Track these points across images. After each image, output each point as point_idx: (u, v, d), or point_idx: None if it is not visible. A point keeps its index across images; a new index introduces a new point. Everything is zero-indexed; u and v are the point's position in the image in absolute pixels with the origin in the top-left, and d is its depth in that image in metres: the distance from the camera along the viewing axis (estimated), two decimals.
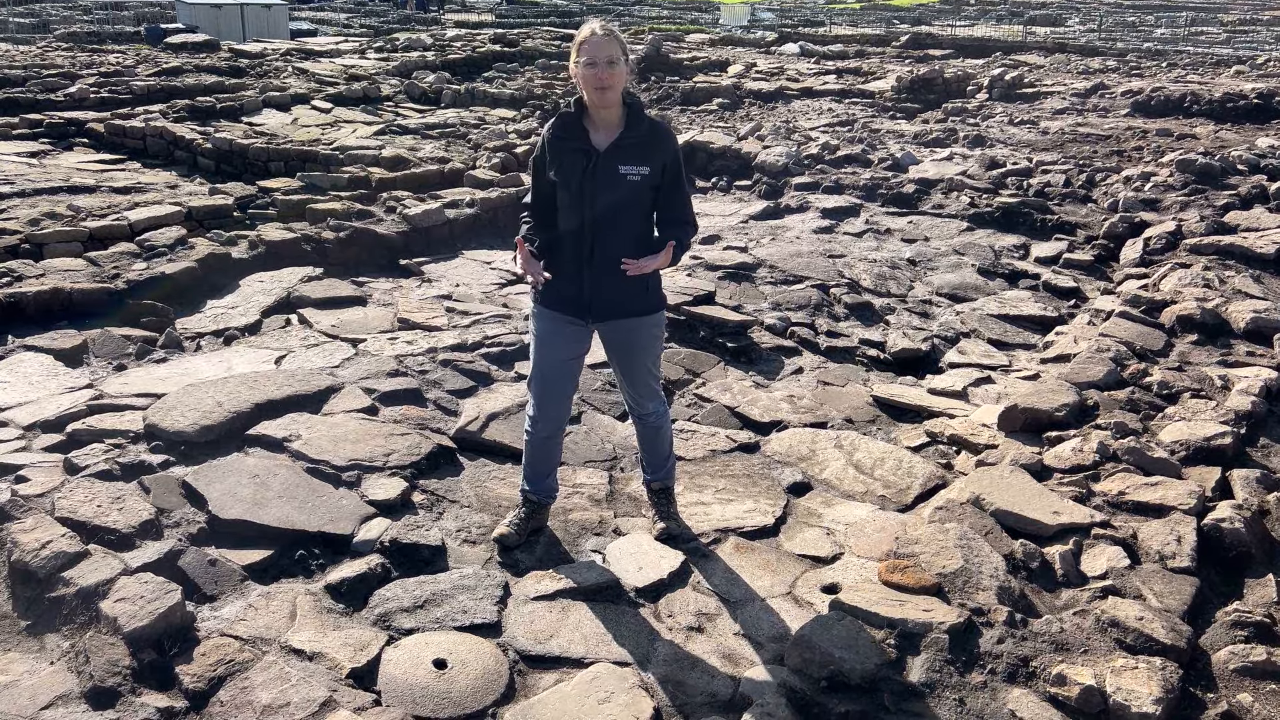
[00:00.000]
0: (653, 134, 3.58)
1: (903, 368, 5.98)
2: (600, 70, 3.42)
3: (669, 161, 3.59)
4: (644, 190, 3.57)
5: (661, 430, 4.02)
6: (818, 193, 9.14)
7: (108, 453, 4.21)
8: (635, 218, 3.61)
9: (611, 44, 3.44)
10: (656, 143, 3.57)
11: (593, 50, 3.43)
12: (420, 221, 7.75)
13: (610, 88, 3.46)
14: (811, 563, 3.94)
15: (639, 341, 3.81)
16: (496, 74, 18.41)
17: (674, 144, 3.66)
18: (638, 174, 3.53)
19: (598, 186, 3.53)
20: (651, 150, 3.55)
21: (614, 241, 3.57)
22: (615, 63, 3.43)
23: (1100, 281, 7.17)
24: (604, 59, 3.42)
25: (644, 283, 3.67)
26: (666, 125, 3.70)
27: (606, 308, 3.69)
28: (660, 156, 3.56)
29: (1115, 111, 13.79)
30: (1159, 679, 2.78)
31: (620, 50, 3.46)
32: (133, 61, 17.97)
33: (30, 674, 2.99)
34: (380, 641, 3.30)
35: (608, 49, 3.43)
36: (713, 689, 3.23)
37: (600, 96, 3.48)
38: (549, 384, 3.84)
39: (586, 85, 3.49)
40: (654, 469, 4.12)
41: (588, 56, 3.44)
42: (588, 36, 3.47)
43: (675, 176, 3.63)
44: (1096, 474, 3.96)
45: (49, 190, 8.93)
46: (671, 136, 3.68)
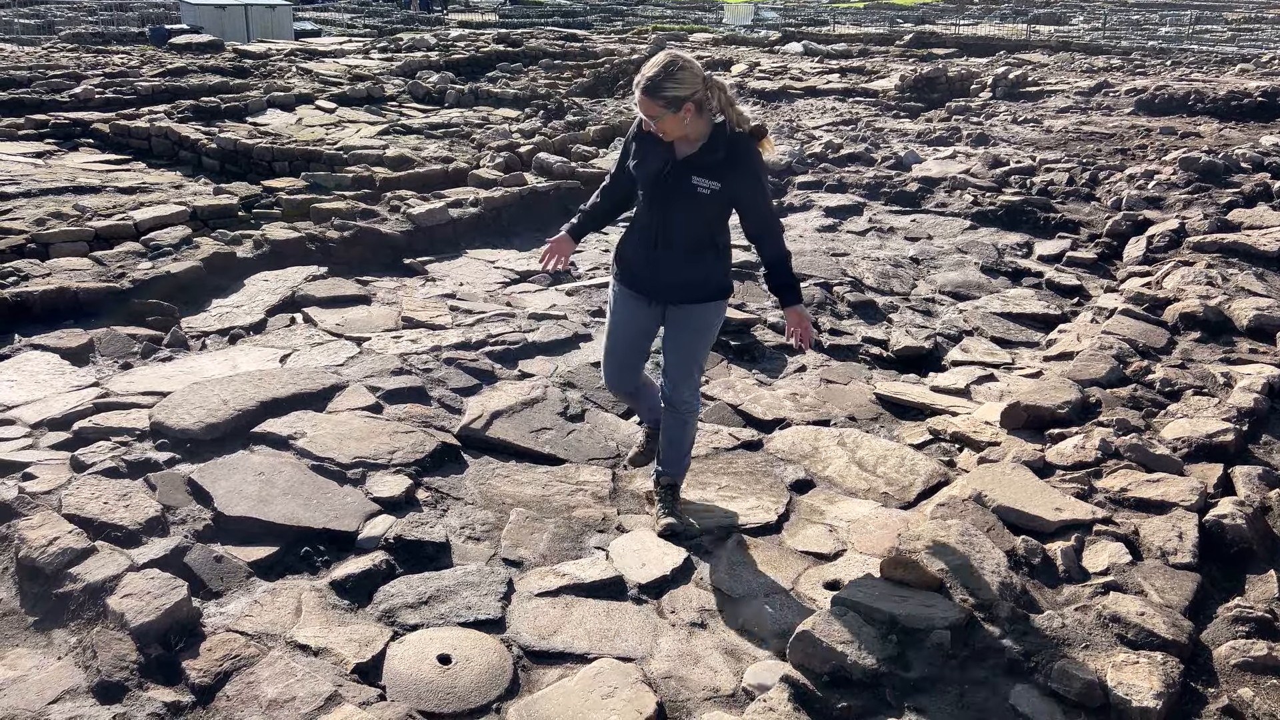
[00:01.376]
0: (730, 158, 3.67)
1: (906, 366, 5.99)
2: (649, 125, 3.62)
3: (744, 181, 3.70)
4: (713, 203, 3.72)
5: (687, 426, 4.11)
6: (821, 191, 9.16)
7: (114, 450, 4.23)
8: (702, 222, 3.77)
9: (650, 105, 3.54)
10: (732, 165, 3.67)
11: (640, 109, 3.60)
12: (424, 221, 7.77)
13: (665, 133, 3.63)
14: (814, 559, 3.96)
15: (690, 324, 3.95)
16: (500, 74, 18.44)
17: (753, 166, 3.73)
18: (708, 188, 3.67)
19: (669, 192, 3.72)
20: (726, 170, 3.67)
21: (680, 239, 3.78)
22: (660, 118, 3.55)
23: (1103, 279, 7.17)
24: (650, 117, 3.58)
25: (705, 275, 3.86)
26: (748, 147, 3.71)
27: (669, 292, 3.90)
28: (735, 176, 3.67)
29: (1119, 110, 13.78)
30: (1160, 674, 2.79)
31: (663, 105, 3.52)
32: (137, 62, 18.02)
33: (38, 669, 3.01)
34: (385, 637, 3.32)
35: (647, 109, 3.56)
36: (716, 684, 3.25)
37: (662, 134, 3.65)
38: (613, 354, 4.13)
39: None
40: (667, 463, 4.17)
41: (639, 112, 3.62)
42: (636, 97, 3.60)
43: (754, 195, 3.75)
44: (1099, 471, 3.97)
45: (54, 190, 8.97)
46: (751, 158, 3.72)
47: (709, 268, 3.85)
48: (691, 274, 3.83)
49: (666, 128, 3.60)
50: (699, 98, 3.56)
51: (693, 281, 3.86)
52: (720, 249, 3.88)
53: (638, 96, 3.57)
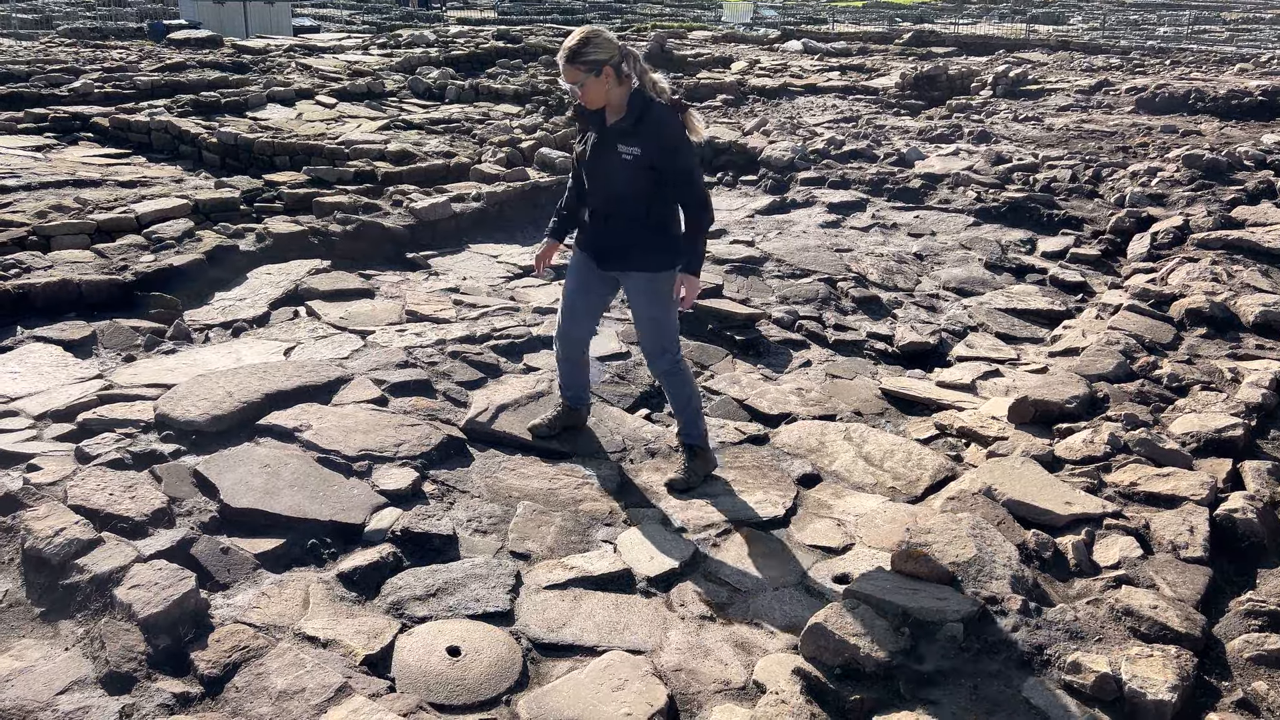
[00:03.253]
0: (644, 120, 3.93)
1: (911, 361, 5.98)
2: (576, 91, 3.91)
3: (662, 145, 3.94)
4: (639, 168, 3.96)
5: (677, 382, 4.33)
6: (824, 187, 9.14)
7: (119, 442, 4.21)
8: (634, 188, 4.02)
9: (572, 71, 3.84)
10: (648, 128, 3.92)
11: (564, 79, 3.92)
12: (427, 215, 7.74)
13: (589, 100, 3.93)
14: (822, 553, 3.95)
15: (646, 293, 4.23)
16: (500, 70, 18.40)
17: (668, 129, 3.95)
18: (630, 154, 3.95)
19: (602, 161, 4.05)
20: (644, 134, 3.93)
21: (619, 207, 4.08)
22: (581, 83, 3.85)
23: (1107, 276, 7.17)
24: (572, 84, 3.89)
25: (649, 242, 4.11)
26: (664, 111, 3.96)
27: (617, 258, 4.19)
28: (653, 139, 3.93)
29: (1120, 108, 13.78)
30: (1174, 667, 2.77)
31: (584, 70, 3.82)
32: (136, 57, 17.97)
33: (45, 660, 2.99)
34: (393, 629, 3.31)
35: (570, 76, 3.86)
36: (726, 677, 3.24)
37: (589, 104, 3.97)
38: (566, 311, 4.40)
39: None
40: (682, 426, 4.42)
41: (565, 84, 3.95)
42: (560, 68, 3.91)
43: (670, 158, 3.96)
44: (1108, 465, 3.97)
45: (55, 184, 8.94)
46: (665, 122, 3.95)
47: (653, 235, 4.10)
48: (635, 240, 4.10)
49: (590, 94, 3.88)
50: (616, 62, 3.85)
51: (638, 247, 4.12)
52: (663, 218, 4.09)
53: (561, 66, 3.87)
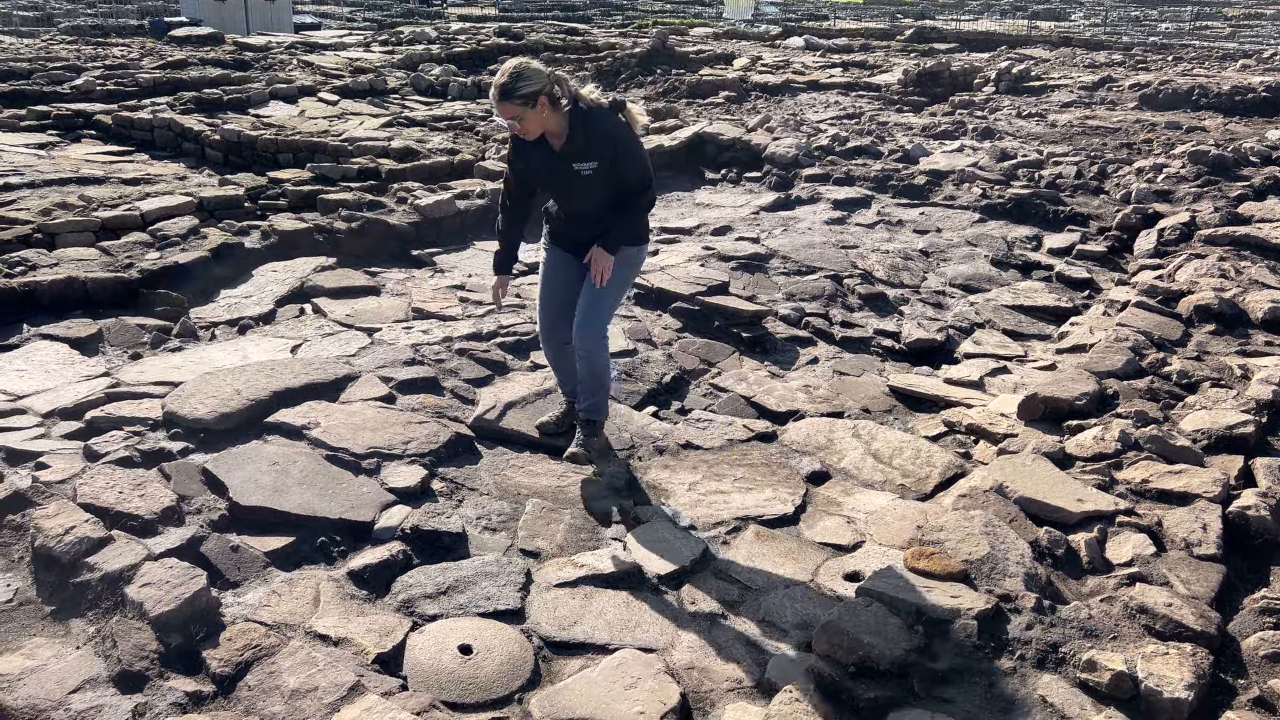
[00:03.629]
0: (591, 135, 4.04)
1: (918, 358, 5.96)
2: (515, 126, 3.97)
3: (616, 153, 4.08)
4: (599, 178, 4.12)
5: (591, 363, 4.33)
6: (828, 184, 9.13)
7: (127, 440, 4.21)
8: (599, 194, 4.18)
9: (508, 108, 3.88)
10: (598, 141, 4.05)
11: (500, 114, 3.97)
12: (431, 212, 7.73)
13: (528, 132, 4.00)
14: (833, 551, 3.93)
15: None
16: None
17: (614, 132, 4.08)
18: (589, 168, 4.09)
19: (561, 180, 4.18)
20: (595, 148, 4.06)
21: (585, 208, 4.25)
22: (519, 118, 3.91)
23: (1114, 273, 7.15)
24: (509, 119, 3.94)
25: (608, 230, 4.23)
26: (606, 118, 4.08)
27: (583, 247, 4.30)
28: (606, 149, 4.07)
29: (1123, 105, 13.76)
30: (1190, 664, 2.77)
31: (521, 104, 3.86)
32: (137, 54, 17.95)
33: (57, 658, 2.98)
34: (405, 627, 3.30)
35: (507, 113, 3.91)
36: (738, 675, 3.23)
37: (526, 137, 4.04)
38: (545, 306, 4.45)
39: None
40: (582, 398, 4.45)
41: (502, 120, 4.01)
42: (493, 101, 3.95)
43: (623, 156, 4.11)
44: (1119, 462, 3.96)
45: (59, 181, 8.92)
46: (612, 131, 4.08)
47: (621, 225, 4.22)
48: (599, 232, 4.22)
49: (529, 126, 3.95)
50: (549, 91, 3.91)
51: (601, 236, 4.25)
52: (628, 210, 4.22)
53: (496, 105, 3.92)
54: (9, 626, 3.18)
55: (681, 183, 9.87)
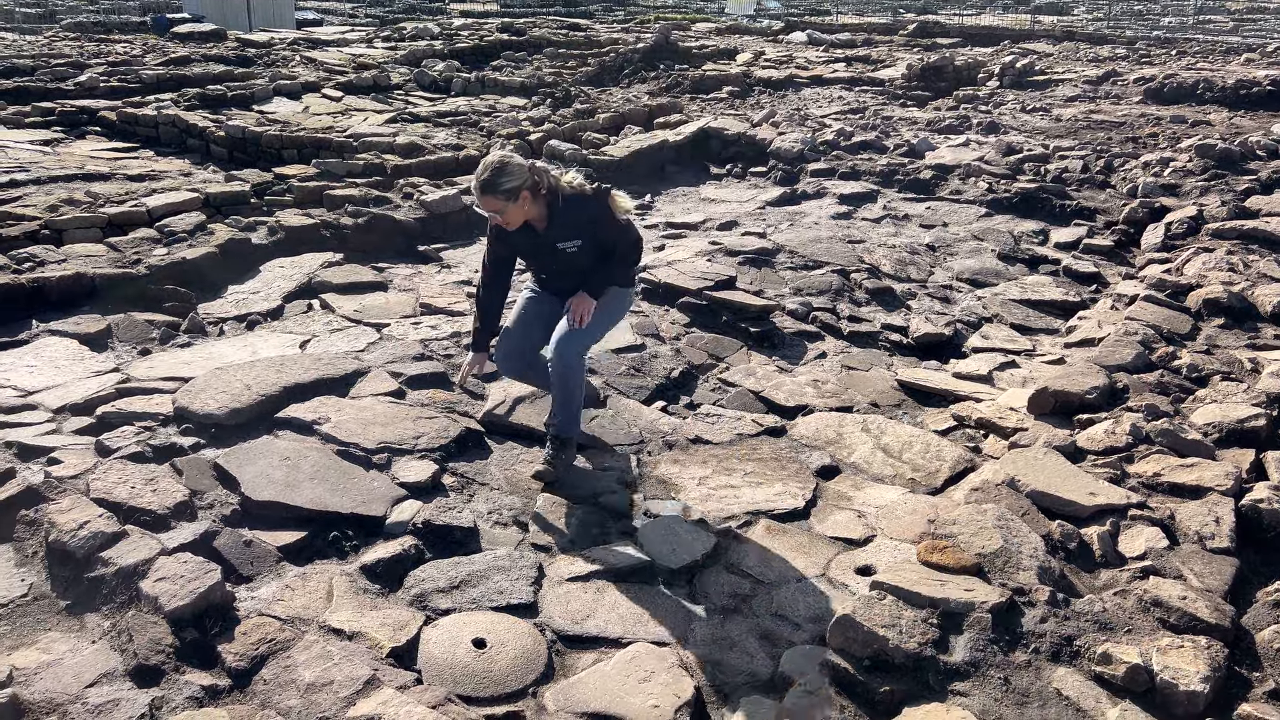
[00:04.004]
0: (576, 221, 4.12)
1: (926, 352, 5.96)
2: (496, 218, 4.03)
3: (599, 234, 4.18)
4: (584, 250, 4.20)
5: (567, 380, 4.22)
6: (834, 179, 9.12)
7: (138, 435, 4.21)
8: (584, 262, 4.23)
9: (490, 201, 3.95)
10: (580, 221, 4.13)
11: (482, 207, 4.03)
12: (438, 208, 7.73)
13: (510, 223, 4.04)
14: (844, 545, 3.94)
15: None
16: (505, 63, 18.37)
17: (594, 212, 4.15)
18: (573, 246, 4.17)
19: (545, 257, 4.27)
20: (580, 229, 4.14)
21: (572, 276, 4.27)
22: (502, 211, 3.97)
23: (1121, 267, 7.14)
24: (492, 212, 4.00)
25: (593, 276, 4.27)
26: (590, 206, 4.13)
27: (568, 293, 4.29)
28: (587, 229, 4.15)
29: (1128, 99, 13.73)
30: (1205, 657, 2.77)
31: (503, 198, 3.93)
32: (140, 51, 17.95)
33: (72, 653, 2.99)
34: (418, 621, 3.30)
35: (490, 206, 3.97)
36: (752, 669, 3.23)
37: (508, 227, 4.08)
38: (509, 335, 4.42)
39: None
40: (554, 415, 4.32)
41: (484, 211, 4.06)
42: (475, 194, 4.00)
43: (606, 229, 4.19)
44: (1130, 456, 3.95)
45: (64, 177, 8.93)
46: (596, 216, 4.16)
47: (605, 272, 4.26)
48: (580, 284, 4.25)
49: (511, 218, 4.00)
50: (530, 184, 3.98)
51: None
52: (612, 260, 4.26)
53: (477, 198, 3.98)
54: (24, 621, 3.19)
55: (686, 178, 9.86)
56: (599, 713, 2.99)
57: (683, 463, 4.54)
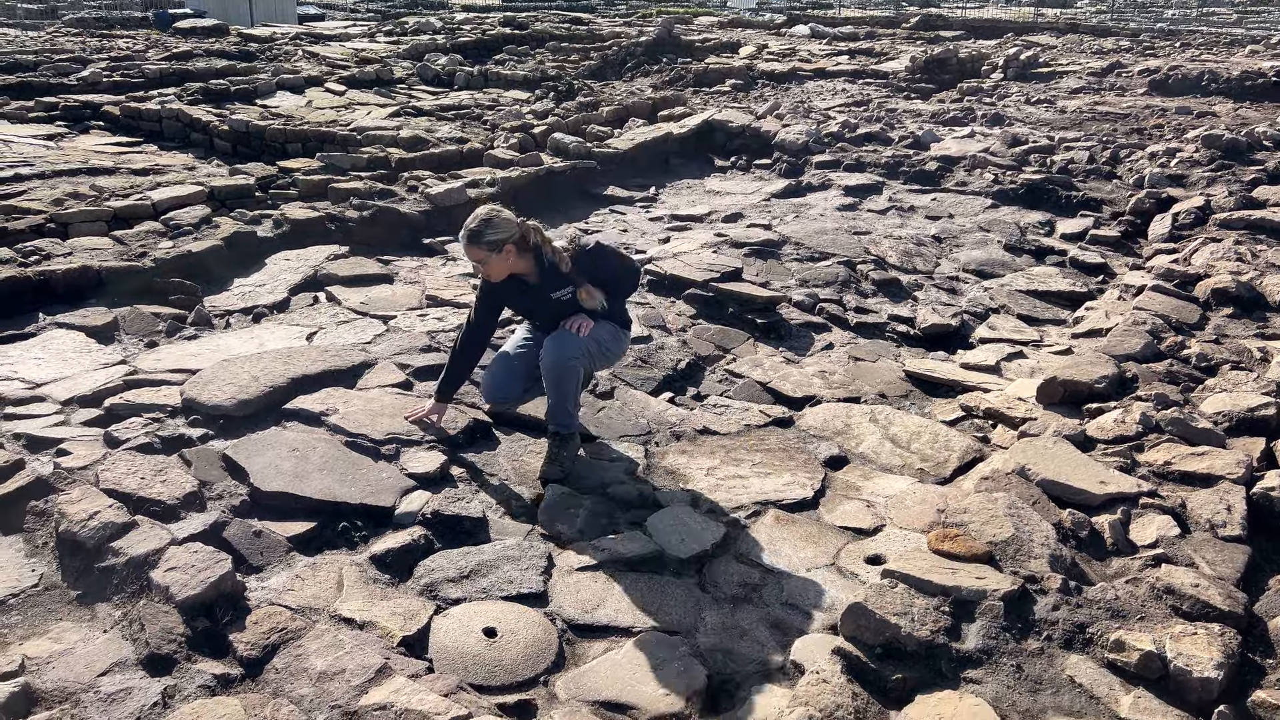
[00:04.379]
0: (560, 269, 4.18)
1: (933, 343, 5.95)
2: (482, 269, 4.11)
3: (587, 273, 4.24)
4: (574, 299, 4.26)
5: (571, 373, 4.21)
6: (839, 170, 9.10)
7: (147, 426, 4.21)
8: (573, 309, 4.29)
9: (475, 251, 4.04)
10: (574, 275, 4.21)
11: (467, 257, 4.13)
12: (442, 201, 7.72)
13: (491, 275, 4.14)
14: (853, 534, 3.93)
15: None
16: (507, 57, 18.34)
17: (584, 260, 4.24)
18: (567, 294, 4.24)
19: (538, 307, 4.34)
20: (571, 280, 4.21)
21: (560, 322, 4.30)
22: (486, 262, 4.05)
23: (1127, 258, 7.13)
24: (476, 262, 4.10)
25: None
26: (574, 253, 4.22)
27: None
28: (578, 276, 4.22)
29: (1133, 90, 13.70)
30: (1219, 644, 2.76)
31: (487, 250, 4.01)
32: (142, 46, 17.94)
33: (84, 642, 2.99)
34: (429, 611, 3.30)
35: (475, 256, 4.06)
36: (763, 657, 3.23)
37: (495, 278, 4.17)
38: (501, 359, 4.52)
39: None
40: (551, 413, 4.31)
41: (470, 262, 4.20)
42: (462, 247, 4.09)
43: (599, 269, 4.27)
44: (1140, 445, 3.94)
45: (68, 172, 8.93)
46: (587, 266, 4.23)
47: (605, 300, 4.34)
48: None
49: (493, 270, 4.09)
50: (516, 239, 4.04)
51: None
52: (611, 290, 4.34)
53: (464, 247, 4.05)
54: (35, 611, 3.19)
55: (691, 170, 9.85)
56: (611, 701, 2.98)
57: (691, 453, 4.53)
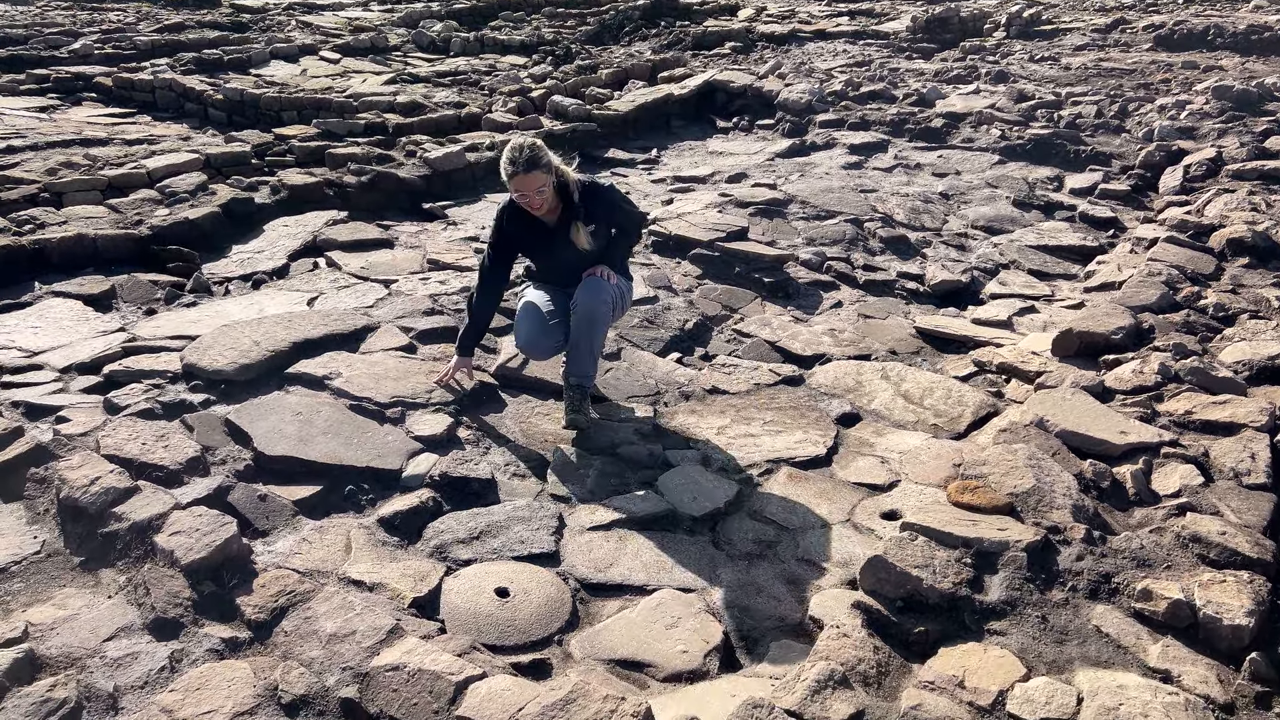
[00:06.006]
0: (587, 205, 4.05)
1: (943, 300, 5.87)
2: (530, 199, 3.91)
3: (613, 211, 4.15)
4: (595, 239, 4.12)
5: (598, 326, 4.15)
6: (843, 129, 8.96)
7: (147, 392, 4.13)
8: (592, 254, 4.15)
9: (533, 178, 3.84)
10: (593, 208, 4.07)
11: (519, 187, 3.88)
12: (441, 165, 7.60)
13: (539, 209, 3.97)
14: (868, 490, 3.87)
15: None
16: (503, 22, 18.09)
17: (607, 195, 4.13)
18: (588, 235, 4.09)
19: (557, 249, 4.16)
20: (593, 212, 4.07)
21: (577, 271, 4.16)
22: (542, 191, 3.89)
23: (1138, 211, 7.02)
24: (531, 191, 3.88)
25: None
26: (594, 186, 4.13)
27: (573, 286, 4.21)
28: (601, 214, 4.10)
29: (1138, 46, 13.50)
30: (1249, 592, 2.70)
31: (544, 173, 3.85)
32: (134, 18, 17.69)
33: (89, 608, 2.93)
34: (439, 572, 3.25)
35: (532, 184, 3.85)
36: (780, 613, 3.17)
37: (534, 212, 4.01)
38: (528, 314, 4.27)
39: (521, 205, 3.99)
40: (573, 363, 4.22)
41: (515, 191, 3.91)
42: (511, 174, 3.86)
43: (616, 210, 4.18)
44: (1159, 395, 3.87)
45: (61, 143, 8.79)
46: (601, 193, 4.12)
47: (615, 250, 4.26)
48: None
49: (544, 202, 3.94)
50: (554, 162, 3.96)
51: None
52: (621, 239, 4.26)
53: (520, 177, 3.83)
54: (39, 578, 3.13)
55: (693, 132, 9.71)
56: (626, 659, 2.93)
57: (700, 413, 4.46)
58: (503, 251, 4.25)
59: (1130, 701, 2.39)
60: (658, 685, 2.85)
